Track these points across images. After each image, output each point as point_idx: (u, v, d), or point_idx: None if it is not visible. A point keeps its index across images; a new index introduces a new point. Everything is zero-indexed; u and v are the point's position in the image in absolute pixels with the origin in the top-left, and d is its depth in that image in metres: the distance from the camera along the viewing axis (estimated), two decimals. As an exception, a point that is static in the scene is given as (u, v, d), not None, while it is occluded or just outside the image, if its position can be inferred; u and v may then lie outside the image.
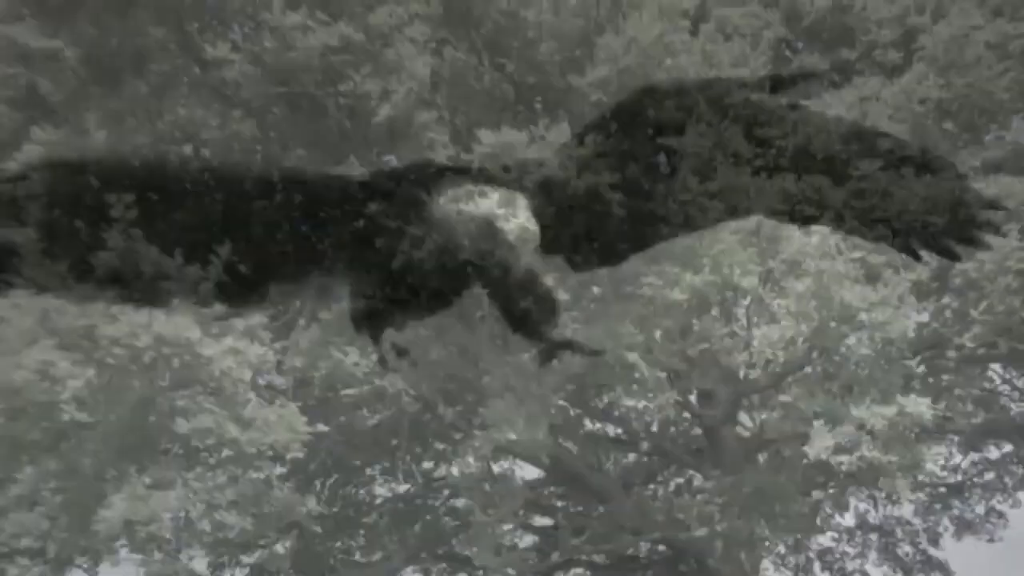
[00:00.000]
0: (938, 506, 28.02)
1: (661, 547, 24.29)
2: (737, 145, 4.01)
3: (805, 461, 18.67)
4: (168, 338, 12.85)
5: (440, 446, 22.14)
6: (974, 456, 27.59)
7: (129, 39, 15.03)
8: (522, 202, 3.64)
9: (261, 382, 14.32)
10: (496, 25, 15.66)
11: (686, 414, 22.02)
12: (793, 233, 17.34)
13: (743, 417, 22.17)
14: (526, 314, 3.74)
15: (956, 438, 25.49)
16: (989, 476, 27.74)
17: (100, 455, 13.23)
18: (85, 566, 16.64)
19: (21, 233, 3.38)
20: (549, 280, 3.84)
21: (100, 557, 15.64)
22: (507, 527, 22.62)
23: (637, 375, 15.86)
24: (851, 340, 16.97)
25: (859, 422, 16.52)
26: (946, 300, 17.61)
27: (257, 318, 14.72)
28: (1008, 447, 26.43)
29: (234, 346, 13.35)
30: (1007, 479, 27.54)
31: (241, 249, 3.72)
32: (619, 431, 24.34)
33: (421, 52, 14.84)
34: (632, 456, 25.72)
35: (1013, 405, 25.02)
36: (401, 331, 3.69)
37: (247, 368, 13.40)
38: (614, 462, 25.90)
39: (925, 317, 18.81)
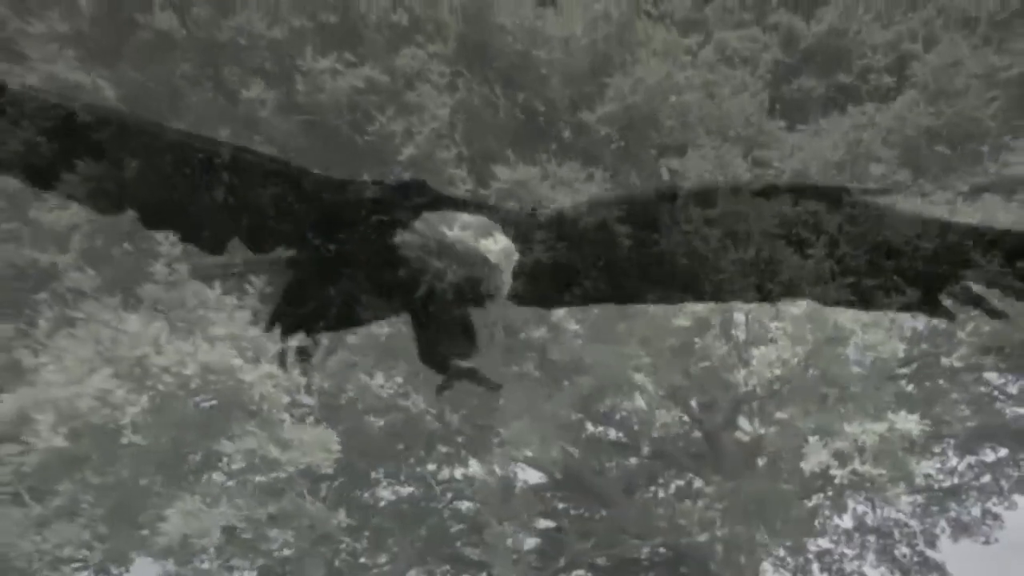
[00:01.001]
0: (935, 508, 28.95)
1: (662, 549, 25.42)
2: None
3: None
4: (213, 365, 14.28)
5: (444, 449, 22.82)
6: (970, 459, 28.50)
7: (167, 80, 16.43)
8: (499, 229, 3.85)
9: (289, 400, 15.69)
10: (510, 63, 17.02)
11: (685, 417, 23.20)
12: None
13: (743, 422, 22.90)
14: (439, 343, 4.08)
15: (952, 441, 26.46)
16: (985, 479, 28.60)
17: (151, 473, 14.72)
18: (116, 571, 18.16)
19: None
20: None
21: (132, 562, 17.19)
22: (511, 529, 24.21)
23: (643, 395, 17.25)
24: (844, 360, 18.18)
25: (852, 438, 17.77)
26: (935, 321, 18.94)
27: (290, 341, 16.18)
28: (1004, 451, 27.43)
29: (270, 371, 14.84)
30: (1003, 482, 28.45)
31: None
32: (620, 435, 25.34)
33: (441, 93, 16.26)
34: (633, 460, 26.32)
35: (1008, 410, 25.66)
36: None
37: (284, 393, 14.91)
38: (616, 465, 26.71)
39: (920, 324, 20.25)
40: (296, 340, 4.39)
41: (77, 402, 13.60)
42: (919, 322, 19.03)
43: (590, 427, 24.25)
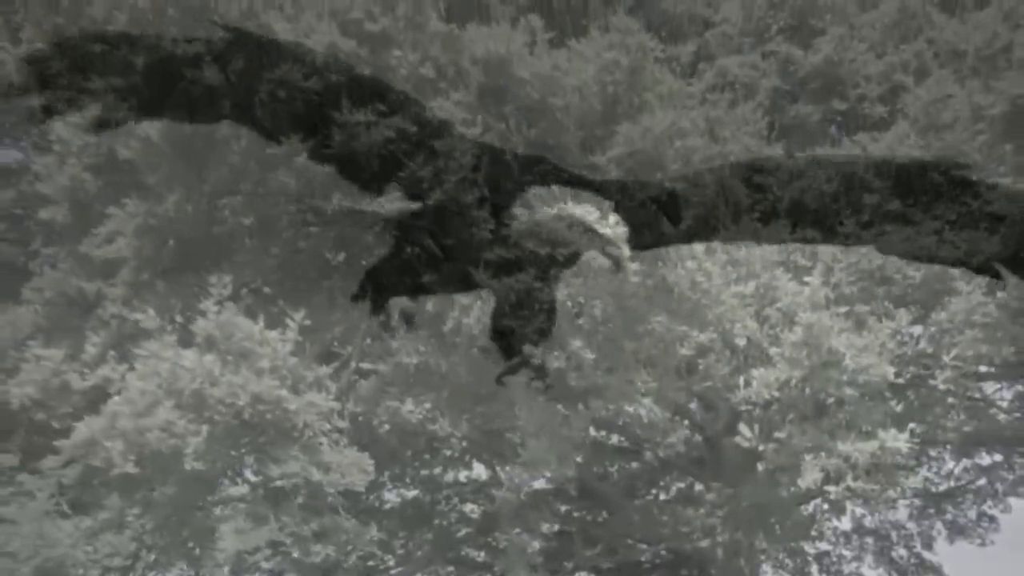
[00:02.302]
0: (932, 511, 30.55)
1: (664, 552, 26.95)
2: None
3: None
4: (262, 396, 16.28)
5: (448, 452, 24.25)
6: (966, 463, 30.21)
7: (209, 127, 18.30)
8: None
9: (328, 427, 17.63)
10: (526, 109, 18.87)
11: (686, 422, 24.95)
12: (787, 284, 20.67)
13: (743, 428, 23.77)
14: (515, 320, 5.63)
15: (948, 446, 28.24)
16: (980, 482, 30.18)
17: (206, 494, 16.72)
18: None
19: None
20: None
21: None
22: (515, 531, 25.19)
23: (651, 417, 19.17)
24: (838, 382, 19.83)
25: (845, 455, 19.60)
26: (922, 345, 20.86)
27: (323, 369, 18.20)
28: (998, 455, 29.10)
29: (312, 400, 16.82)
30: (998, 485, 30.06)
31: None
32: (622, 440, 26.61)
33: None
34: (635, 464, 27.84)
35: (1002, 415, 26.89)
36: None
37: (325, 420, 16.91)
38: (618, 469, 28.22)
39: (919, 329, 21.96)
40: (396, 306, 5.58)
41: (146, 434, 15.57)
42: (908, 347, 20.86)
43: (593, 432, 24.95)
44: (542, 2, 24.87)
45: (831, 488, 19.93)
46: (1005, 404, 26.91)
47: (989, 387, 25.95)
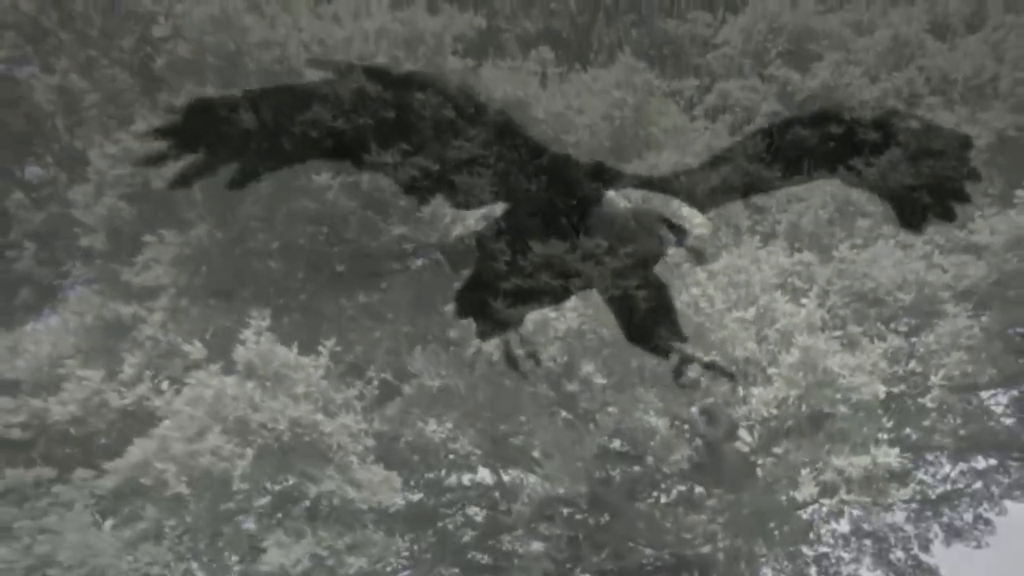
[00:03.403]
0: (929, 514, 31.11)
1: (666, 555, 28.11)
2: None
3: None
4: (300, 420, 18.13)
5: (452, 455, 24.64)
6: (962, 467, 30.71)
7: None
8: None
9: (361, 448, 19.48)
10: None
11: (687, 426, 25.68)
12: (785, 306, 22.36)
13: (743, 433, 25.31)
14: (647, 326, 4.87)
15: (945, 451, 29.04)
16: (977, 486, 30.79)
17: (249, 511, 18.63)
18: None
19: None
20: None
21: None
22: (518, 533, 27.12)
23: (658, 436, 21.01)
24: (833, 400, 21.36)
25: (839, 469, 21.13)
26: (912, 365, 22.49)
27: (352, 392, 20.08)
28: (994, 460, 29.92)
29: (344, 422, 18.70)
30: (993, 488, 30.67)
31: None
32: (624, 445, 26.75)
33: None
34: (637, 467, 27.60)
35: (997, 420, 27.71)
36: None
37: (358, 442, 18.81)
38: (620, 473, 28.18)
39: (900, 368, 23.07)
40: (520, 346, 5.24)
41: (198, 458, 17.44)
42: (898, 366, 22.53)
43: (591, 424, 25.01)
44: (551, 33, 26.83)
45: (826, 500, 21.61)
46: (1000, 409, 27.93)
47: (984, 392, 26.68)
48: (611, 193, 4.90)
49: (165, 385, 19.39)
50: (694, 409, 25.07)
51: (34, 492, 22.02)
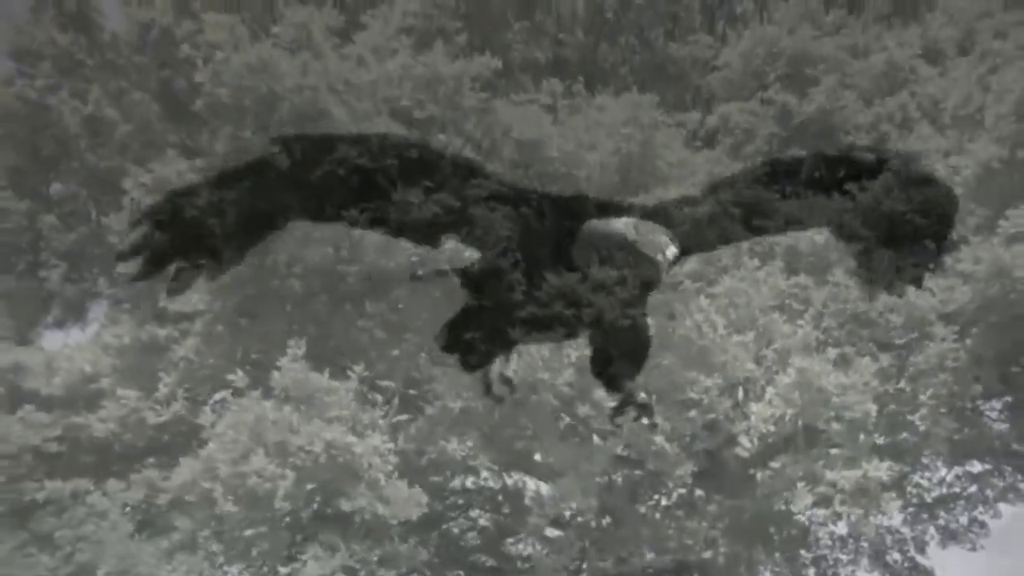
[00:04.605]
0: (925, 516, 32.03)
1: (667, 558, 28.96)
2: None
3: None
4: (334, 443, 20.23)
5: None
6: (958, 470, 31.54)
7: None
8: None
9: (390, 468, 21.56)
10: (550, 177, 22.68)
11: (688, 438, 26.42)
12: (783, 327, 24.42)
13: (742, 439, 26.39)
14: (612, 359, 4.89)
15: (940, 455, 28.96)
16: (972, 489, 31.60)
17: (286, 527, 20.83)
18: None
19: None
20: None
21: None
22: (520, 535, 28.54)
23: (663, 455, 23.07)
24: (827, 418, 23.30)
25: (832, 483, 22.99)
26: (902, 384, 24.22)
27: (376, 411, 22.21)
28: (989, 464, 30.93)
29: (374, 443, 20.86)
30: (988, 491, 31.41)
31: None
32: (626, 450, 27.33)
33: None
34: (638, 471, 28.53)
35: (992, 425, 29.28)
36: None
37: (387, 461, 20.96)
38: (621, 476, 28.96)
39: (890, 387, 24.72)
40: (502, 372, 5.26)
41: (246, 479, 19.60)
42: (888, 385, 24.34)
43: (596, 440, 26.10)
44: (560, 62, 28.84)
45: (820, 512, 23.61)
46: (995, 414, 29.23)
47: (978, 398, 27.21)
48: (593, 223, 5.07)
49: (207, 409, 21.32)
50: (694, 413, 25.55)
51: (71, 503, 24.10)
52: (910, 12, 31.48)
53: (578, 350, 20.81)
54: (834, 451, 24.04)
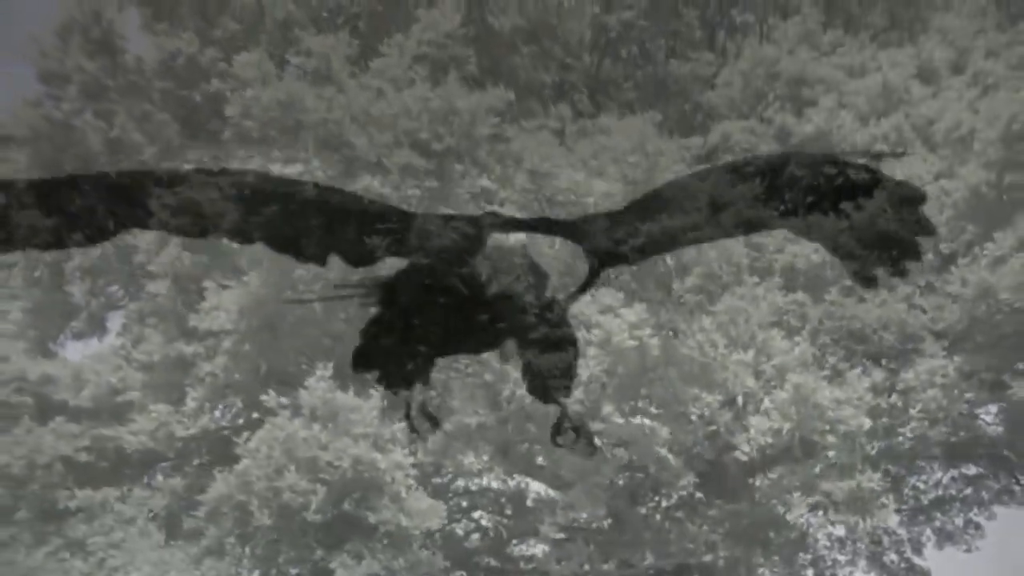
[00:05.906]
0: (921, 518, 33.61)
1: (668, 563, 30.54)
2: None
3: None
4: (360, 458, 21.99)
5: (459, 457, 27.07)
6: (953, 473, 33.34)
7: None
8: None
9: (411, 483, 23.44)
10: (560, 204, 24.55)
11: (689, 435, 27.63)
12: (781, 343, 26.21)
13: (742, 444, 27.63)
14: (544, 373, 4.74)
15: (938, 460, 31.91)
16: (967, 491, 33.32)
17: (314, 538, 22.76)
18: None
19: None
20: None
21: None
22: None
23: (667, 467, 24.96)
24: (822, 431, 24.79)
25: (827, 493, 24.76)
26: (893, 399, 25.91)
27: (397, 425, 23.92)
28: (984, 466, 32.52)
29: (397, 459, 22.75)
30: (984, 494, 33.14)
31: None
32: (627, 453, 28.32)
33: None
34: (639, 474, 29.46)
35: (988, 428, 30.74)
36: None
37: (407, 475, 22.87)
38: (624, 480, 29.91)
39: (883, 402, 26.54)
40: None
41: (281, 494, 21.54)
42: (880, 399, 25.87)
43: (598, 441, 27.00)
44: (567, 85, 30.70)
45: (815, 520, 25.50)
46: (989, 418, 30.59)
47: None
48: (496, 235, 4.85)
49: (241, 426, 23.21)
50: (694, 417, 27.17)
51: (101, 511, 25.99)
52: (906, 30, 32.71)
53: (587, 368, 22.47)
54: (829, 462, 25.81)
